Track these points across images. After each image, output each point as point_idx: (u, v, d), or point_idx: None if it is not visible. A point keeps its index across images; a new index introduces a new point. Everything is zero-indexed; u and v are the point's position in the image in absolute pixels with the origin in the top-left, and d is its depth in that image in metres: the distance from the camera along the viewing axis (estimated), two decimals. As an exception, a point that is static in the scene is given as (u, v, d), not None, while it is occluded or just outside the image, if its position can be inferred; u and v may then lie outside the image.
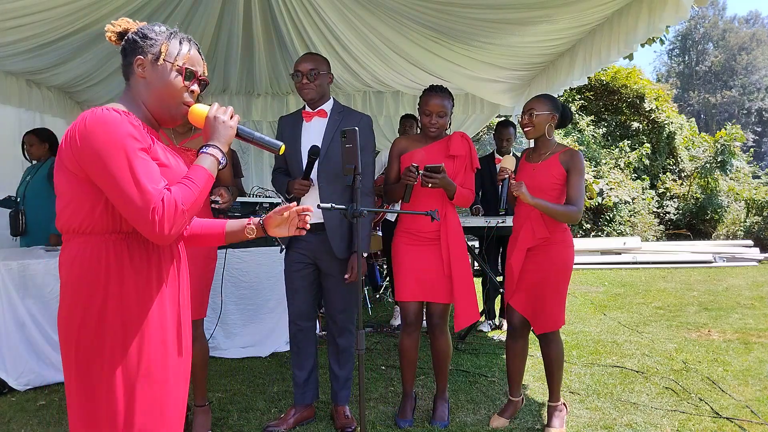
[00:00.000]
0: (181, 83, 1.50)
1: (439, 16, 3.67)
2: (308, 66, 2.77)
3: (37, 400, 3.32)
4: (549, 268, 2.77)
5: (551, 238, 2.76)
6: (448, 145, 2.91)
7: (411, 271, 2.91)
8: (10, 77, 4.48)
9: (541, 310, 2.81)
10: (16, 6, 3.12)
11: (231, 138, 1.52)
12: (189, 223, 1.49)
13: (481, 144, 10.62)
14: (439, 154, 2.90)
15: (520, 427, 2.93)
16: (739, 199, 12.10)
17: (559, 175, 2.75)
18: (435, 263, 2.89)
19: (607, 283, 7.35)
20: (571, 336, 4.65)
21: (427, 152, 2.92)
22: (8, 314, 3.40)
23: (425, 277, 2.90)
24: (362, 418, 2.32)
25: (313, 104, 2.84)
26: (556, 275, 2.77)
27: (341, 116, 2.84)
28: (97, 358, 1.38)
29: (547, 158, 2.80)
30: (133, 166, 1.32)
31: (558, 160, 2.76)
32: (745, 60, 34.16)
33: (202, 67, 1.57)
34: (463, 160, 2.91)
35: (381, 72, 5.25)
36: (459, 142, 2.91)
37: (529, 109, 2.78)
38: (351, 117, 2.86)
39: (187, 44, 1.54)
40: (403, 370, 3.04)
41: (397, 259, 2.97)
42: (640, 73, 13.02)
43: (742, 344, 4.39)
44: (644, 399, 3.27)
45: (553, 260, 2.77)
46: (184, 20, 4.01)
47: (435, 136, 2.94)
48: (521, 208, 2.86)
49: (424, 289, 2.91)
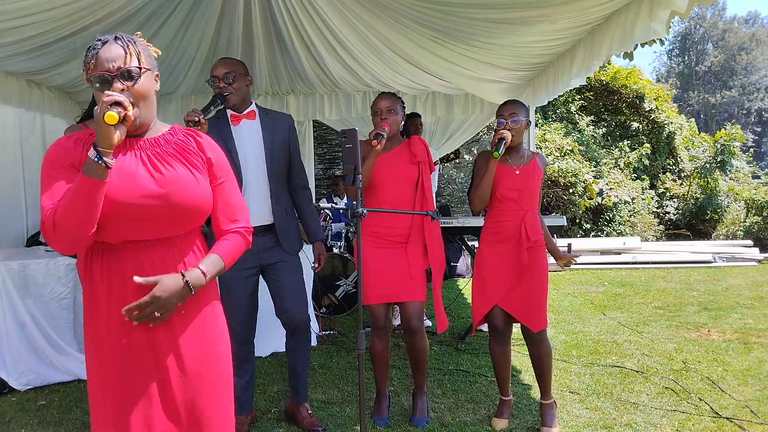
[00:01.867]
0: (99, 93, 1.45)
1: (439, 16, 3.67)
2: (224, 70, 2.75)
3: (37, 400, 3.32)
4: (540, 267, 2.86)
5: (538, 240, 2.88)
6: (412, 151, 3.01)
7: (376, 273, 2.93)
8: (11, 77, 4.47)
9: (537, 309, 2.84)
10: (16, 6, 3.12)
11: (101, 130, 1.34)
12: (73, 233, 1.37)
13: (481, 144, 10.61)
14: (404, 161, 3.00)
15: (520, 427, 2.93)
16: (739, 199, 12.09)
17: (540, 177, 2.92)
18: (404, 263, 2.93)
19: (607, 283, 7.35)
20: (571, 336, 4.66)
21: (392, 157, 2.99)
22: (8, 314, 3.41)
23: (396, 278, 2.92)
24: (362, 418, 2.32)
25: (238, 108, 2.82)
26: (542, 275, 2.87)
27: (270, 117, 2.88)
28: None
29: (527, 162, 2.91)
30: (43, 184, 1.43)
31: (537, 163, 2.93)
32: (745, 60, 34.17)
33: (114, 62, 1.43)
34: (426, 165, 3.03)
35: (381, 72, 5.25)
36: (421, 148, 3.03)
37: (512, 114, 2.83)
38: (278, 117, 2.91)
39: (92, 51, 1.46)
40: (375, 371, 3.08)
41: (366, 263, 2.94)
42: (639, 74, 13.02)
43: (741, 344, 4.39)
44: (644, 399, 3.27)
45: (542, 260, 2.88)
46: (184, 20, 4.01)
47: (390, 136, 2.96)
48: (511, 211, 2.87)
49: (394, 290, 2.93)
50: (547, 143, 10.83)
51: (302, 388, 2.97)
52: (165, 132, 1.57)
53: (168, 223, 1.50)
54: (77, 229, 1.36)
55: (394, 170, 2.96)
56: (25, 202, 4.93)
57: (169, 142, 1.55)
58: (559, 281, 7.41)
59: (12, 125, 4.79)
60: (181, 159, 1.54)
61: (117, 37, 1.47)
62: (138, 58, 1.47)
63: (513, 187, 2.84)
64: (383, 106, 2.96)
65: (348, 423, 3.02)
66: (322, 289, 5.25)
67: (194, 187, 1.52)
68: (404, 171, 2.98)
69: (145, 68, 1.48)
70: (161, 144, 1.53)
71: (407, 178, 2.99)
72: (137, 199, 1.44)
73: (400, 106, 3.03)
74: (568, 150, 10.88)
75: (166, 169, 1.49)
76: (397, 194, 2.96)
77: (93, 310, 1.51)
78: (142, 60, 1.48)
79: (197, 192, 1.52)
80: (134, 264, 1.48)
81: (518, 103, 2.92)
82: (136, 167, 1.47)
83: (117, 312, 1.47)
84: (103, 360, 1.50)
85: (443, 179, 10.23)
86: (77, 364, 3.60)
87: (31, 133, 5.02)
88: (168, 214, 1.48)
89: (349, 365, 3.94)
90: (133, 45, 1.48)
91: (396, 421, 3.03)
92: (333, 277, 5.41)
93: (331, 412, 3.14)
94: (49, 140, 5.24)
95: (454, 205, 10.31)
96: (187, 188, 1.50)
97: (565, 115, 12.13)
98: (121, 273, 1.48)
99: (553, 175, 10.37)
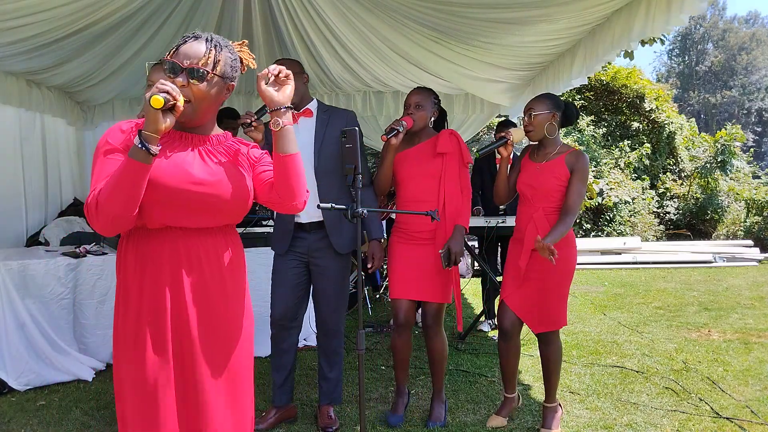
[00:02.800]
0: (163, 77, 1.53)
1: (439, 16, 3.67)
2: None
3: (37, 400, 3.32)
4: (553, 267, 2.71)
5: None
6: (436, 144, 2.94)
7: (404, 269, 2.92)
8: (10, 77, 4.47)
9: (545, 310, 2.78)
10: (16, 6, 3.11)
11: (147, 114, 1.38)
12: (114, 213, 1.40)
13: (482, 144, 10.62)
14: (427, 153, 2.94)
15: (519, 427, 2.93)
16: (739, 199, 12.09)
17: (563, 177, 2.72)
18: (429, 263, 2.89)
19: (607, 283, 7.35)
20: (571, 336, 4.65)
21: (415, 152, 2.95)
22: (8, 314, 3.40)
23: (418, 276, 2.90)
24: (362, 418, 2.32)
25: (295, 106, 2.82)
26: (560, 274, 2.75)
27: (327, 114, 2.88)
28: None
29: (552, 159, 2.77)
30: (94, 166, 1.48)
31: (564, 162, 2.74)
32: (745, 60, 34.15)
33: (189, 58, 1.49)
34: (454, 157, 2.91)
35: (381, 72, 5.25)
36: (447, 139, 2.93)
37: (528, 109, 2.78)
38: (337, 114, 2.91)
39: (182, 39, 1.54)
40: (395, 368, 3.05)
41: (392, 257, 2.98)
42: (640, 73, 13.01)
43: (742, 344, 4.39)
44: (644, 399, 3.27)
45: (558, 259, 2.74)
46: (184, 20, 4.01)
47: (417, 131, 2.95)
48: (524, 208, 2.86)
49: (416, 288, 2.91)
50: (547, 143, 10.82)
51: (334, 392, 2.99)
52: (218, 134, 1.64)
53: (210, 214, 1.55)
54: (119, 210, 1.40)
55: (415, 166, 2.91)
56: (25, 202, 4.92)
57: (221, 143, 1.62)
58: (559, 281, 7.41)
59: (12, 125, 4.78)
60: (230, 156, 1.61)
61: (209, 38, 1.53)
62: (214, 64, 1.51)
63: (527, 183, 2.79)
64: (412, 101, 2.93)
65: (348, 423, 3.02)
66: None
67: (240, 182, 1.58)
68: (425, 166, 2.90)
69: (215, 75, 1.52)
70: (213, 142, 1.61)
71: (428, 173, 2.90)
72: (185, 185, 1.49)
73: (432, 102, 2.97)
74: (569, 150, 10.87)
75: (215, 162, 1.56)
76: (418, 190, 2.91)
77: (125, 300, 1.55)
78: (218, 67, 1.52)
79: (242, 187, 1.58)
80: (170, 251, 1.53)
81: (539, 96, 2.83)
82: (188, 157, 1.53)
83: (147, 304, 1.52)
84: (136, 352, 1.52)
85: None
86: (77, 364, 3.60)
87: (30, 133, 5.01)
88: (211, 205, 1.53)
89: (349, 365, 3.94)
90: (217, 50, 1.52)
91: (411, 420, 3.00)
92: (333, 277, 5.40)
93: (331, 413, 3.14)
94: (49, 140, 5.24)
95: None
96: (233, 182, 1.56)
97: (566, 115, 12.11)
98: (157, 259, 1.52)
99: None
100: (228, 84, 1.57)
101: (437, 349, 2.98)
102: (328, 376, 2.97)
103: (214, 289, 1.58)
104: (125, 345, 1.54)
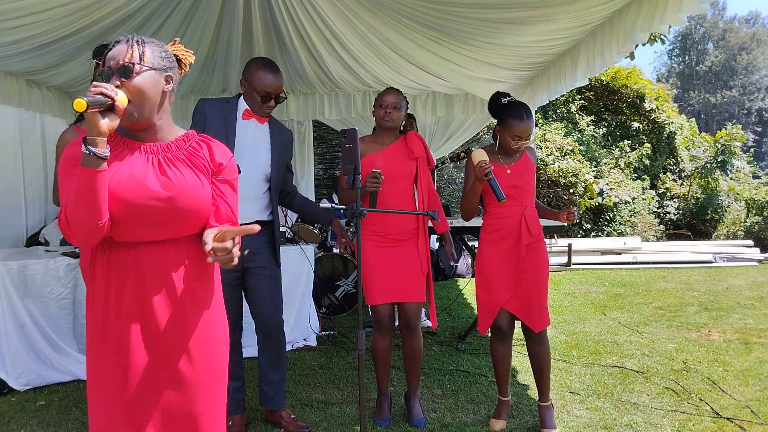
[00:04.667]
0: None
1: (439, 16, 3.67)
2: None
3: (37, 400, 3.32)
4: (540, 265, 2.84)
5: (539, 235, 2.86)
6: (409, 147, 3.00)
7: (381, 272, 2.93)
8: (10, 77, 4.47)
9: (538, 308, 2.82)
10: (16, 6, 3.11)
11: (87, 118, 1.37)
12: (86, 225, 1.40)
13: (481, 144, 10.62)
14: (401, 156, 2.98)
15: (519, 427, 2.93)
16: (740, 199, 12.08)
17: (533, 170, 2.90)
18: (405, 263, 2.93)
19: (607, 283, 7.35)
20: (571, 336, 4.65)
21: (389, 153, 2.98)
22: (8, 314, 3.40)
23: (397, 278, 2.92)
24: (362, 418, 2.32)
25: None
26: (545, 272, 2.86)
27: (276, 126, 2.89)
28: None
29: (519, 158, 2.89)
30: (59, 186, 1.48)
31: (529, 157, 2.91)
32: (745, 60, 34.15)
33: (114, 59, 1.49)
34: (423, 160, 3.02)
35: (381, 72, 5.25)
36: (418, 143, 3.02)
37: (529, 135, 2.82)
38: (282, 130, 2.93)
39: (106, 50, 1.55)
40: (378, 371, 3.07)
41: (367, 263, 2.94)
42: (640, 73, 13.00)
43: (742, 344, 4.39)
44: (644, 399, 3.27)
45: (542, 257, 2.86)
46: (184, 20, 4.01)
47: (391, 129, 2.98)
48: (510, 208, 2.83)
49: (395, 290, 2.93)
50: (547, 143, 10.83)
51: (279, 394, 2.93)
52: (178, 137, 1.61)
53: (170, 226, 1.54)
54: (87, 221, 1.40)
55: (390, 167, 2.93)
56: (24, 202, 4.93)
57: (180, 148, 1.59)
58: (559, 281, 7.41)
59: (12, 125, 4.78)
60: (190, 164, 1.58)
61: (129, 38, 1.53)
62: (141, 57, 1.50)
63: (510, 184, 2.81)
64: (389, 101, 2.96)
65: (348, 423, 3.02)
66: (322, 290, 5.25)
67: (199, 191, 1.56)
68: (401, 167, 2.97)
69: (145, 66, 1.50)
70: (172, 149, 1.58)
71: (405, 174, 2.98)
72: (144, 200, 1.48)
73: (404, 104, 3.03)
74: (569, 150, 10.87)
75: (173, 173, 1.54)
76: (395, 191, 2.94)
77: (92, 307, 1.55)
78: (145, 58, 1.51)
79: (201, 197, 1.56)
80: (134, 262, 1.52)
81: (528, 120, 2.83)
82: (145, 170, 1.51)
83: (113, 310, 1.51)
84: (99, 356, 1.53)
85: (443, 179, 10.22)
86: (77, 365, 3.60)
87: (30, 133, 5.02)
88: (171, 217, 1.52)
89: (349, 365, 3.93)
90: (139, 45, 1.52)
91: (397, 421, 3.03)
92: (333, 277, 5.41)
93: (331, 413, 3.14)
94: (49, 140, 5.24)
95: (454, 205, 10.31)
96: (192, 193, 1.54)
97: (566, 115, 12.12)
98: (122, 271, 1.52)
99: (553, 175, 10.37)
100: (165, 75, 1.55)
101: (416, 347, 3.02)
102: (273, 379, 2.90)
103: (183, 298, 1.55)
104: (93, 350, 1.54)
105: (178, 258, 1.56)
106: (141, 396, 1.51)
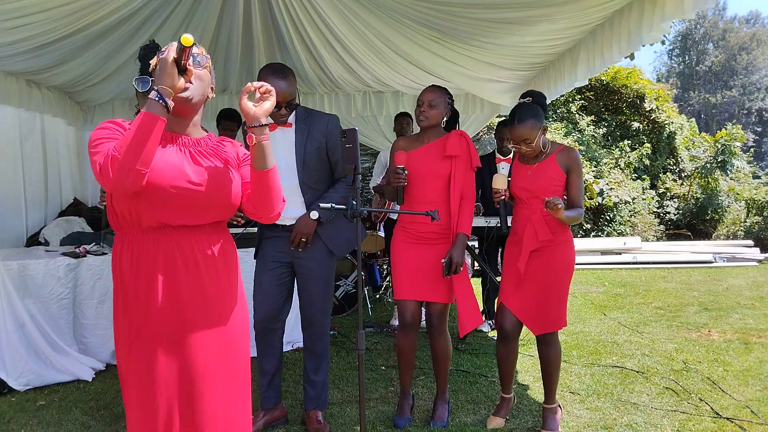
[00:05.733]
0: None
1: (439, 16, 3.67)
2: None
3: (37, 400, 3.32)
4: (553, 268, 2.75)
5: (554, 239, 2.75)
6: (446, 145, 2.88)
7: (409, 270, 2.90)
8: (10, 77, 4.47)
9: (543, 311, 2.78)
10: (16, 6, 3.12)
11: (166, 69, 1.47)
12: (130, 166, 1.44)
13: (482, 144, 10.59)
14: (435, 155, 2.89)
15: (519, 427, 2.93)
16: (740, 199, 12.08)
17: (558, 177, 2.74)
18: (434, 263, 2.87)
19: (607, 283, 7.35)
20: (571, 336, 4.65)
21: (423, 152, 2.91)
22: (8, 314, 3.40)
23: (423, 277, 2.88)
24: (362, 418, 2.31)
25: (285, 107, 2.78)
26: (560, 275, 2.76)
27: (307, 122, 2.78)
28: None
29: (543, 159, 2.77)
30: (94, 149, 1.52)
31: (555, 161, 2.74)
32: (746, 60, 34.14)
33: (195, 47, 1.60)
34: (463, 160, 2.87)
35: (381, 72, 5.25)
36: (457, 141, 2.87)
37: (524, 139, 2.72)
38: (317, 120, 2.80)
39: None
40: (400, 369, 3.04)
41: (396, 258, 2.96)
42: (640, 73, 13.00)
43: (742, 344, 4.39)
44: (644, 399, 3.27)
45: (557, 260, 2.76)
46: (184, 20, 4.01)
47: (428, 128, 2.92)
48: (521, 211, 2.85)
49: (421, 288, 2.90)
50: (547, 143, 10.82)
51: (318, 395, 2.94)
52: (204, 136, 1.73)
53: (201, 212, 1.62)
54: (133, 161, 1.44)
55: (423, 166, 2.87)
56: (24, 202, 4.92)
57: (207, 144, 1.71)
58: (559, 281, 7.40)
59: (12, 125, 4.78)
60: (219, 157, 1.69)
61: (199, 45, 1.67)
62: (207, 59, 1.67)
63: (522, 186, 2.78)
64: (425, 99, 2.88)
65: (348, 423, 3.01)
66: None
67: (228, 181, 1.66)
68: (433, 166, 2.87)
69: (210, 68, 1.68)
70: (201, 144, 1.69)
71: (437, 173, 2.87)
72: (178, 183, 1.56)
73: (445, 101, 2.92)
74: (569, 150, 10.86)
75: (205, 163, 1.64)
76: (427, 191, 2.88)
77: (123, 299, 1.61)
78: (209, 63, 1.68)
79: (230, 186, 1.66)
80: (165, 248, 1.58)
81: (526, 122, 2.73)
82: (179, 158, 1.60)
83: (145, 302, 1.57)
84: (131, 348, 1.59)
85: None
86: (77, 365, 3.60)
87: (30, 133, 5.01)
88: (202, 203, 1.60)
89: (349, 365, 3.93)
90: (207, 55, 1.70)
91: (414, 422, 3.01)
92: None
93: (331, 413, 3.13)
94: (49, 140, 5.24)
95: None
96: (222, 181, 1.64)
97: (566, 115, 12.11)
98: (151, 257, 1.58)
99: (553, 175, 10.35)
100: (211, 86, 1.69)
101: (442, 349, 2.97)
102: (314, 380, 2.92)
103: (209, 283, 1.63)
104: (125, 343, 1.59)
105: (205, 243, 1.64)
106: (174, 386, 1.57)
